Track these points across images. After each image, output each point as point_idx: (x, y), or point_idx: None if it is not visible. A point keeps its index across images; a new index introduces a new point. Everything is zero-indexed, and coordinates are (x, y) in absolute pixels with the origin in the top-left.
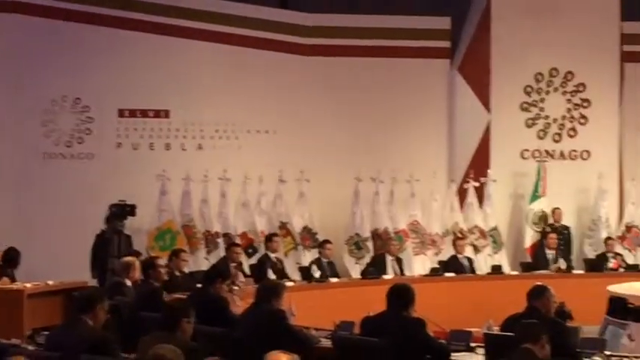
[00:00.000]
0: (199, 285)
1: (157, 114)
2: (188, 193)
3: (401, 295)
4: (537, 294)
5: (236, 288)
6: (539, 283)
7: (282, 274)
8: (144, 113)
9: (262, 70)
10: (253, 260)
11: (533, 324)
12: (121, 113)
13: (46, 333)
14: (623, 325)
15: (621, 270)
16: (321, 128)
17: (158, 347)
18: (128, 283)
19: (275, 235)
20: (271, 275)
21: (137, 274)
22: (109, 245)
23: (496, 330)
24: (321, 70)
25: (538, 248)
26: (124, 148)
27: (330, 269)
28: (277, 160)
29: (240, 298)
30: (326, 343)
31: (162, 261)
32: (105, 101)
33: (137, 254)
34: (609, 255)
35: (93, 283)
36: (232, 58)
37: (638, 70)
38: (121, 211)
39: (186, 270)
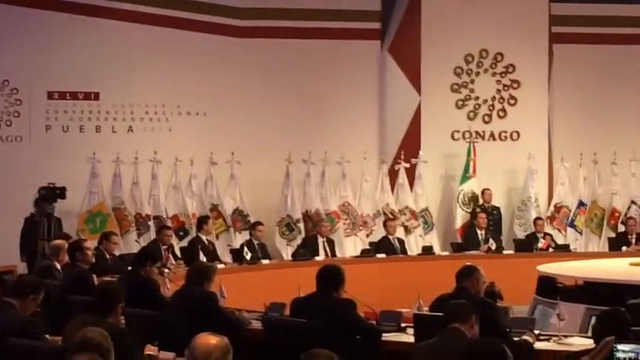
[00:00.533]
0: (130, 267)
1: (87, 96)
2: (118, 176)
3: (331, 276)
4: (466, 274)
5: (167, 270)
6: (468, 264)
7: (213, 256)
8: (74, 95)
9: (193, 52)
10: (184, 243)
11: (462, 304)
12: (50, 95)
13: None
14: (553, 305)
15: (551, 250)
16: (252, 110)
17: (86, 330)
18: (58, 266)
19: (208, 217)
20: (202, 257)
21: (66, 257)
22: (39, 228)
23: (426, 310)
24: (251, 52)
25: (468, 229)
26: (53, 130)
27: (262, 251)
28: (208, 142)
29: (171, 281)
30: (256, 324)
31: (90, 243)
32: (34, 83)
33: (67, 237)
34: (539, 235)
35: (22, 266)
36: (163, 40)
37: (566, 52)
38: (51, 193)
39: (116, 253)
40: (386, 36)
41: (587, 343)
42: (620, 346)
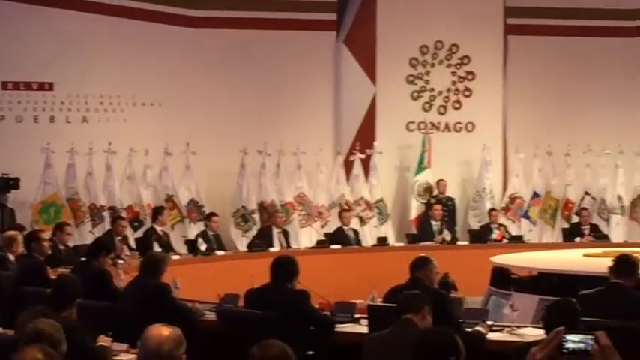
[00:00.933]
0: (83, 258)
1: (41, 86)
2: (73, 166)
3: (285, 267)
4: (420, 265)
5: (121, 261)
6: (422, 255)
7: (168, 247)
8: (28, 85)
9: (148, 43)
10: (139, 233)
11: (415, 295)
12: (4, 85)
13: None
14: (506, 296)
15: (505, 241)
16: (207, 101)
17: (38, 322)
18: (11, 257)
19: (163, 208)
20: (157, 248)
21: (20, 248)
22: None
23: (380, 301)
24: (207, 43)
25: (423, 220)
26: (7, 120)
27: (217, 242)
28: (163, 132)
29: (125, 272)
30: (210, 316)
31: (47, 234)
32: None
33: (21, 228)
34: (493, 226)
35: None
36: (119, 31)
37: (521, 43)
38: (4, 184)
39: (70, 244)
40: (341, 27)
41: (540, 333)
42: (569, 336)
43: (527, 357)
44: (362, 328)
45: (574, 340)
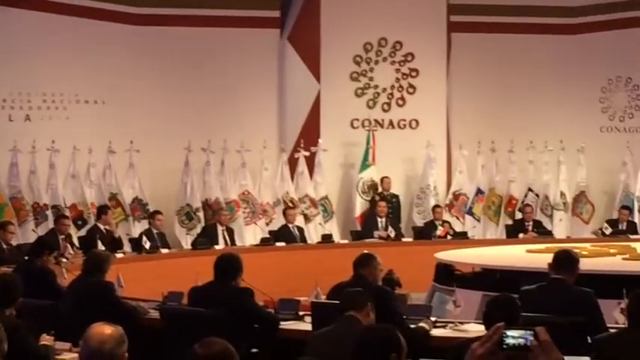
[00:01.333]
0: (26, 257)
1: None
2: (16, 165)
3: (228, 265)
4: (363, 262)
5: (64, 260)
6: (365, 252)
7: (112, 245)
8: None
9: (91, 40)
10: (83, 232)
11: (358, 292)
12: None
13: None
14: (450, 292)
15: (449, 237)
16: (151, 98)
17: None
18: None
19: (108, 207)
20: (101, 247)
21: None
22: None
23: (324, 298)
24: (150, 40)
25: (368, 216)
26: None
27: (161, 240)
28: (107, 130)
29: (68, 270)
30: (154, 314)
31: None
32: None
33: None
34: (437, 223)
35: None
36: (60, 28)
37: (464, 40)
38: None
39: (14, 242)
40: (285, 24)
41: (483, 329)
42: (509, 332)
43: (468, 353)
44: (306, 325)
45: (514, 336)
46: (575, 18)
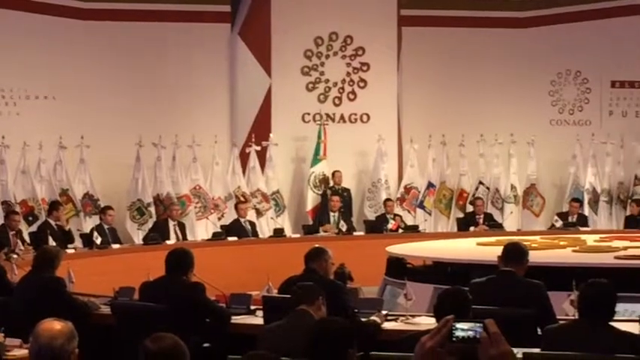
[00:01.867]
0: None
1: None
2: None
3: (180, 259)
4: (314, 256)
5: (15, 256)
6: (317, 246)
7: (63, 241)
8: None
9: (40, 35)
10: (34, 228)
11: (309, 286)
12: None
13: None
14: (402, 285)
15: (400, 231)
16: (101, 93)
17: None
18: None
19: (59, 204)
20: (52, 243)
21: None
22: None
23: (275, 293)
24: (100, 35)
25: (320, 211)
26: None
27: (112, 235)
28: (57, 126)
29: (19, 267)
30: (105, 309)
31: None
32: None
33: None
34: (389, 216)
35: None
36: (9, 23)
37: (414, 34)
38: None
39: None
40: (236, 19)
41: (434, 322)
42: (458, 325)
43: (417, 346)
44: (257, 319)
45: (463, 329)
46: (525, 12)
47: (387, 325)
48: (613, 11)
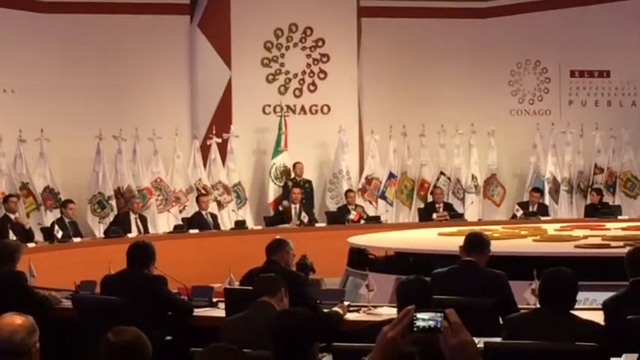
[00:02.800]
0: None
1: None
2: None
3: (141, 253)
4: (275, 247)
5: None
6: (278, 237)
7: (23, 235)
8: None
9: None
10: None
11: (271, 277)
12: None
13: None
14: (364, 276)
15: (362, 222)
16: (60, 87)
17: None
18: None
19: (12, 195)
20: (12, 237)
21: None
22: None
23: (237, 285)
24: (58, 28)
25: (281, 202)
26: None
27: (73, 229)
28: (17, 119)
29: None
30: (67, 303)
31: None
32: None
33: None
34: (350, 207)
35: None
36: None
37: (374, 25)
38: None
39: None
40: (195, 11)
41: (396, 312)
42: (419, 315)
43: (379, 336)
44: (219, 312)
45: (424, 319)
46: (485, 2)
47: (350, 316)
48: (572, 1)
